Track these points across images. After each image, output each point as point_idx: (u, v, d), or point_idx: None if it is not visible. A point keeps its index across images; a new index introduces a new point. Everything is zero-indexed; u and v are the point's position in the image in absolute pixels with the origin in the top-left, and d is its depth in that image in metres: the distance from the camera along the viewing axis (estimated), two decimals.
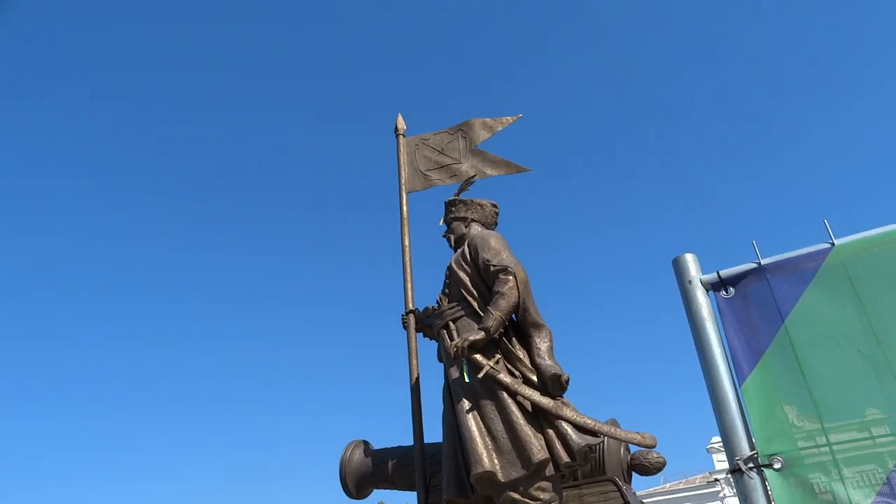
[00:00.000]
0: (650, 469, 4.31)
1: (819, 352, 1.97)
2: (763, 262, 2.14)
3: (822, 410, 1.91)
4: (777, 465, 1.91)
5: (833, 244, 2.04)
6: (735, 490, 1.96)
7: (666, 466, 4.41)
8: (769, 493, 1.91)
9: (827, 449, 1.87)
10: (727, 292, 2.18)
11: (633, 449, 4.43)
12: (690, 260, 2.27)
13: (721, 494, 36.71)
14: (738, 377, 2.06)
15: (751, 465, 1.93)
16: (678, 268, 2.27)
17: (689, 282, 2.22)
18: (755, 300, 2.12)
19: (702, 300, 2.19)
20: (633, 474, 4.43)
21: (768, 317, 2.08)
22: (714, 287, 2.20)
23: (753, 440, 1.98)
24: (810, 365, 1.96)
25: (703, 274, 2.23)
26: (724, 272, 2.20)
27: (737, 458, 1.96)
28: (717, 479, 37.08)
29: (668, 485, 37.91)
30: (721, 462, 37.19)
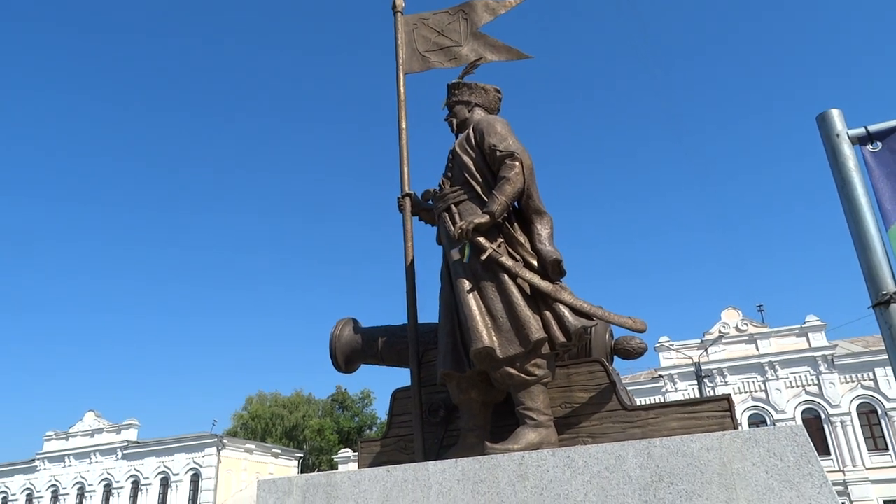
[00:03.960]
0: (632, 353, 4.38)
1: None
2: None
3: None
4: None
5: None
6: (879, 322, 2.16)
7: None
8: None
9: None
10: (874, 146, 2.31)
11: (617, 334, 4.59)
12: (836, 115, 2.39)
13: (664, 390, 39.02)
14: (885, 222, 2.23)
15: None
16: (824, 122, 2.38)
17: (837, 135, 2.34)
18: None
19: (848, 152, 2.32)
20: (615, 358, 4.51)
21: None
22: (860, 141, 2.33)
23: None
24: None
25: (849, 129, 2.36)
26: (872, 127, 2.32)
27: (883, 292, 2.15)
28: (661, 376, 39.31)
29: None
30: (667, 359, 39.41)
